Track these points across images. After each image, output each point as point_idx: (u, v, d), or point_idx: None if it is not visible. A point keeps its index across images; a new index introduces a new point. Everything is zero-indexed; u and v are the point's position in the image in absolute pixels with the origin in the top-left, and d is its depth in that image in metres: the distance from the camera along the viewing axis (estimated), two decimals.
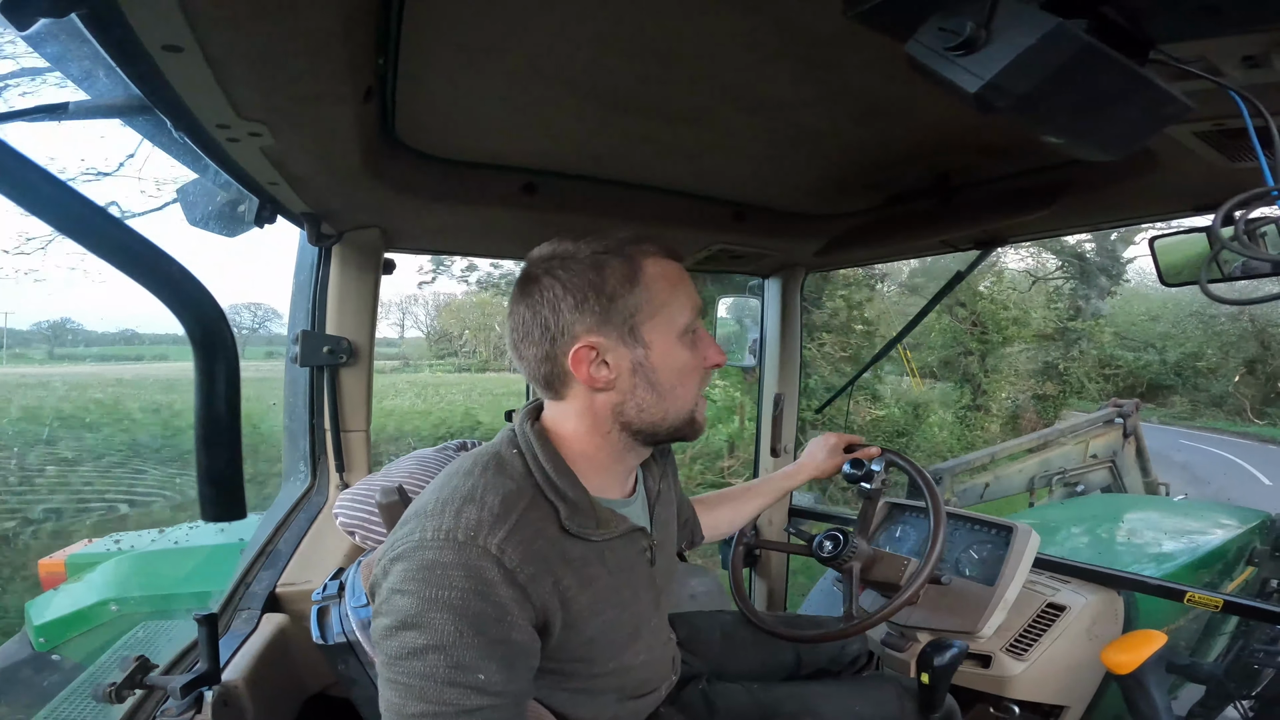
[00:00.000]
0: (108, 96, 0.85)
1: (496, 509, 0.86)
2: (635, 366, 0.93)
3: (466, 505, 0.87)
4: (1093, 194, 1.44)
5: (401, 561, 0.85)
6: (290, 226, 1.51)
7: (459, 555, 0.83)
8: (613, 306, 0.91)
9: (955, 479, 4.90)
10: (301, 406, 1.68)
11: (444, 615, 0.80)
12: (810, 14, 0.89)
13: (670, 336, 0.94)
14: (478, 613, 0.82)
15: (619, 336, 0.91)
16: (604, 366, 0.92)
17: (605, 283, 0.91)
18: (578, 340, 0.91)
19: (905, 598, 1.44)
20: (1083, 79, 0.67)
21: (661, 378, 0.94)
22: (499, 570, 0.83)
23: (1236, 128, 1.01)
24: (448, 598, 0.81)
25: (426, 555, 0.83)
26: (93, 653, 3.15)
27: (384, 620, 0.84)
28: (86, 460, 6.43)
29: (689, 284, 0.98)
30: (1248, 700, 2.70)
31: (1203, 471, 13.88)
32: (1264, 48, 0.76)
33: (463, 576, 0.82)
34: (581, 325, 0.90)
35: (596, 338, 0.91)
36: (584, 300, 0.90)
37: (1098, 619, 1.83)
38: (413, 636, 0.81)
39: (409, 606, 0.82)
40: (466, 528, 0.84)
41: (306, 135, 1.05)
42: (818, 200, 1.80)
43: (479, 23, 0.93)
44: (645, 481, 1.10)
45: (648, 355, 0.93)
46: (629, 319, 0.91)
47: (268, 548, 1.58)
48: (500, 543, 0.84)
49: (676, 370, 0.95)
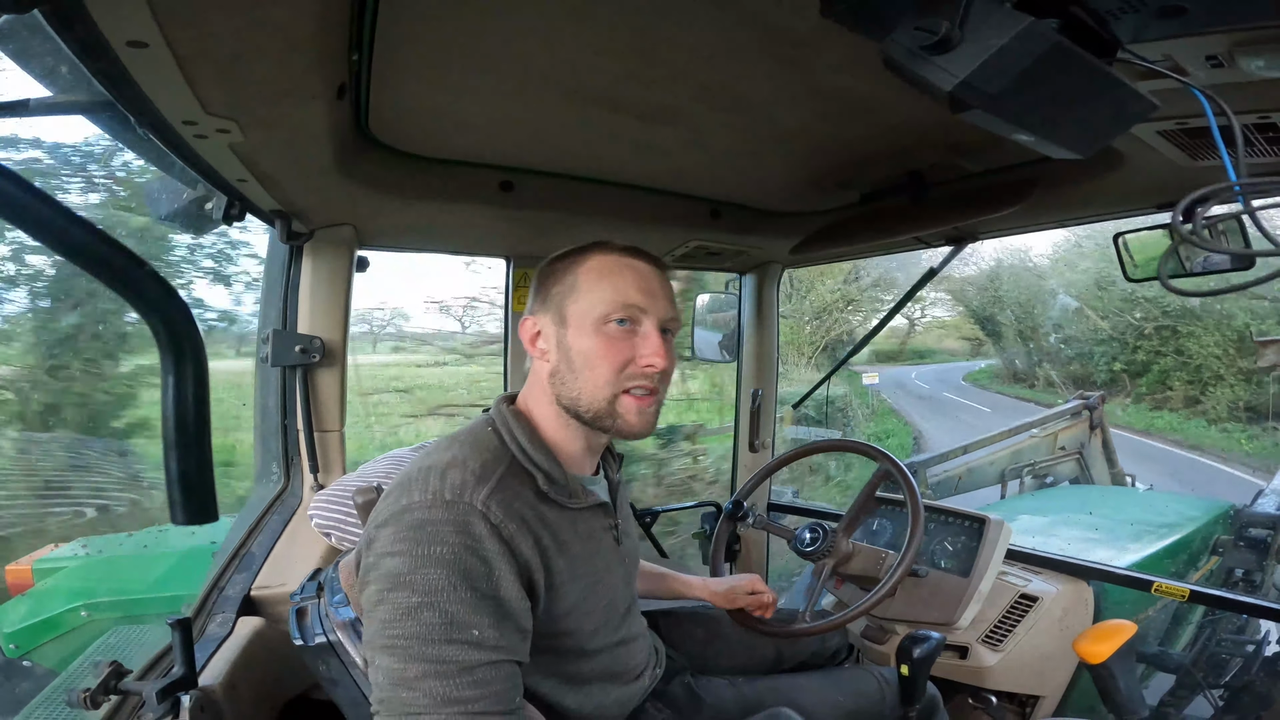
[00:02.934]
0: (70, 93, 0.83)
1: (478, 471, 0.92)
2: (559, 343, 1.03)
3: (450, 469, 0.92)
4: (1061, 191, 1.46)
5: (390, 525, 0.88)
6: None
7: (448, 512, 0.87)
8: (550, 291, 1.04)
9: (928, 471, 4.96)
10: (273, 407, 1.65)
11: (437, 571, 0.84)
12: (786, 14, 0.90)
13: (586, 321, 1.01)
14: (468, 568, 0.85)
15: (551, 317, 1.04)
16: (540, 339, 1.05)
17: (553, 272, 1.05)
18: (528, 316, 1.07)
19: (883, 590, 1.46)
20: (1053, 77, 0.69)
21: (574, 357, 1.01)
22: (485, 525, 0.87)
23: (1199, 126, 1.03)
24: (440, 553, 0.84)
25: (416, 515, 0.87)
26: (65, 659, 3.10)
27: (374, 587, 0.86)
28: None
29: (629, 278, 1.02)
30: (1217, 689, 2.77)
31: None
32: (1226, 47, 0.78)
33: (453, 532, 0.86)
34: (532, 305, 1.07)
35: (536, 316, 1.06)
36: (540, 283, 1.06)
37: (1069, 609, 1.87)
38: (405, 596, 0.83)
39: (401, 566, 0.84)
40: (453, 487, 0.89)
41: (277, 132, 1.03)
42: (793, 198, 1.82)
43: (455, 20, 0.92)
44: (606, 470, 1.16)
45: (567, 334, 1.02)
46: (559, 300, 1.03)
47: (241, 550, 1.55)
48: (485, 499, 0.89)
49: (585, 353, 1.01)
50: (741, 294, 2.42)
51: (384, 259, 1.82)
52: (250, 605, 1.45)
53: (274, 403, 1.64)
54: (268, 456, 1.70)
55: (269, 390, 1.65)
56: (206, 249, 6.35)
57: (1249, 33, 0.76)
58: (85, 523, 4.75)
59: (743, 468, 2.48)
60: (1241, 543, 3.69)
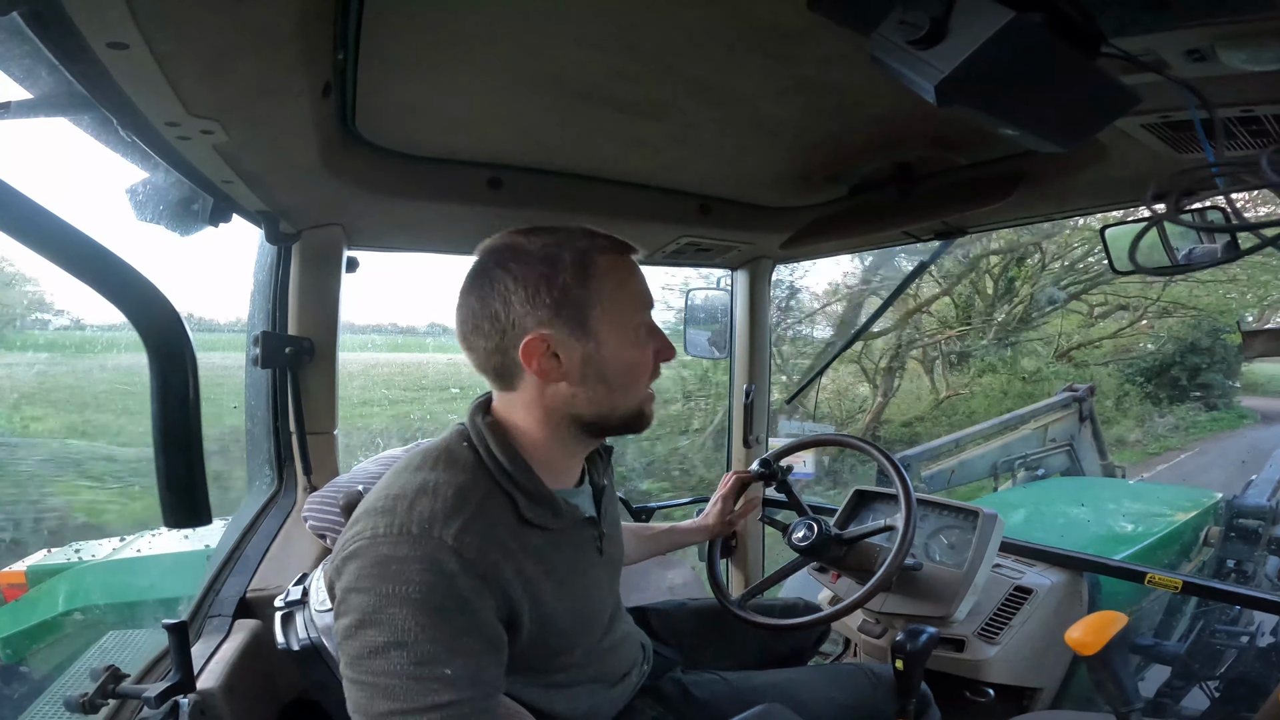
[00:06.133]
0: (50, 95, 0.82)
1: (451, 500, 0.86)
2: (586, 359, 0.93)
3: (419, 498, 0.86)
4: (1047, 185, 1.47)
5: (355, 560, 0.84)
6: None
7: (414, 549, 0.82)
8: (565, 300, 0.91)
9: (922, 465, 4.98)
10: (264, 409, 1.64)
11: (403, 610, 0.79)
12: (773, 8, 0.90)
13: (621, 331, 0.95)
14: (438, 606, 0.81)
15: (570, 330, 0.92)
16: (555, 359, 0.92)
17: (557, 276, 0.91)
18: (529, 332, 0.91)
19: (876, 582, 1.46)
20: (1038, 71, 0.69)
21: (611, 371, 0.95)
22: (457, 561, 0.82)
23: (1182, 119, 1.04)
24: (406, 592, 0.80)
25: (380, 550, 0.82)
26: (61, 664, 3.09)
27: (344, 620, 0.83)
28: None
29: (641, 278, 1.00)
30: (1213, 680, 2.79)
31: None
32: (1209, 41, 0.78)
33: (420, 570, 0.81)
34: (533, 318, 0.91)
35: (548, 330, 0.91)
36: (536, 293, 0.91)
37: (1063, 601, 1.87)
38: (373, 634, 0.80)
39: (366, 604, 0.81)
40: (420, 520, 0.84)
41: (261, 132, 1.03)
42: (782, 192, 1.82)
43: (442, 17, 0.92)
44: (591, 475, 1.10)
45: (599, 349, 0.93)
46: (580, 312, 0.92)
47: (236, 553, 1.54)
48: (457, 533, 0.83)
49: (626, 365, 0.96)
50: (733, 290, 2.42)
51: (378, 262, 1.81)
52: (246, 608, 1.45)
53: (264, 405, 1.63)
54: (259, 458, 1.69)
55: (259, 392, 1.64)
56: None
57: (1231, 27, 0.76)
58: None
59: (736, 463, 2.48)
60: (1233, 533, 3.72)
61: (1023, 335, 11.82)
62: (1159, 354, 12.51)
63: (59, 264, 0.66)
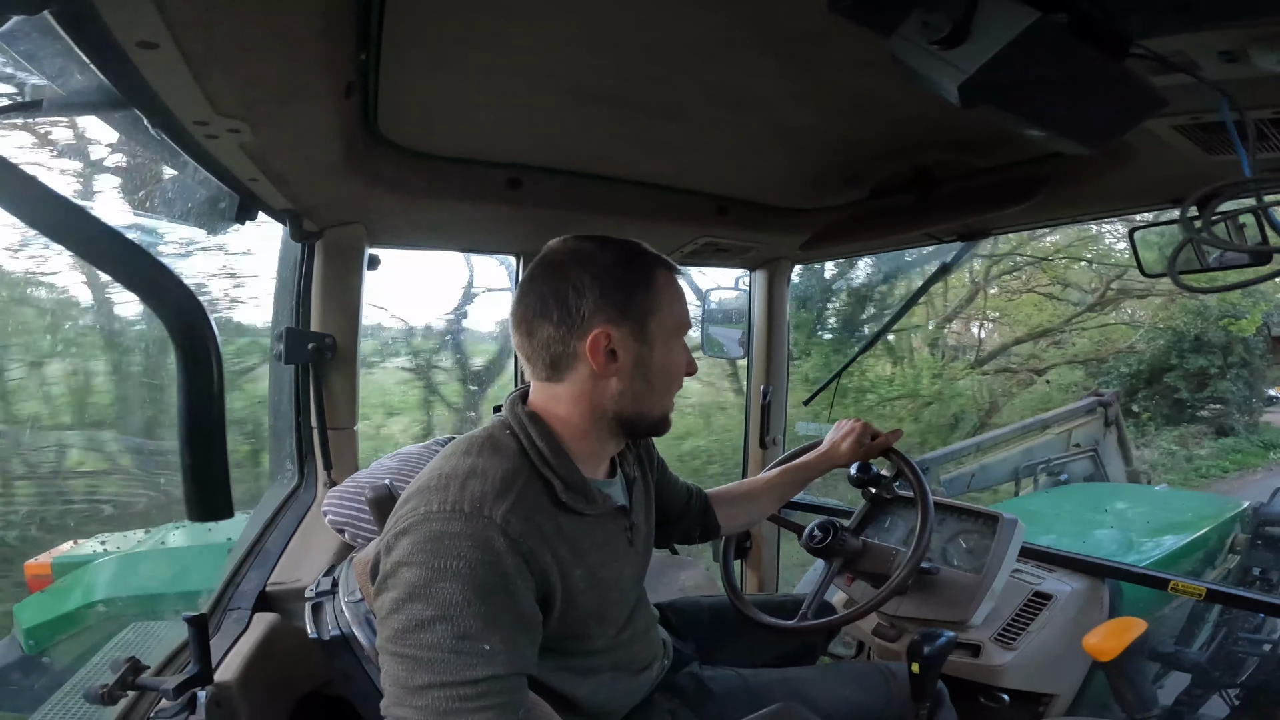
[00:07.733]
0: (82, 93, 0.84)
1: (498, 483, 0.91)
2: (638, 360, 1.00)
3: (470, 479, 0.90)
4: (1073, 187, 1.45)
5: (408, 535, 0.87)
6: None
7: (466, 525, 0.86)
8: (630, 303, 0.98)
9: (941, 469, 4.93)
10: (286, 404, 1.66)
11: (452, 585, 0.83)
12: (791, 10, 0.90)
13: (668, 340, 1.02)
14: (485, 582, 0.84)
15: (631, 331, 0.98)
16: (613, 356, 0.98)
17: (627, 280, 0.99)
18: (596, 327, 0.96)
19: (891, 587, 1.45)
20: (1064, 72, 0.68)
21: (655, 375, 1.02)
22: (504, 540, 0.86)
23: (1213, 121, 1.02)
24: (456, 567, 0.83)
25: (434, 527, 0.86)
26: (83, 655, 3.13)
27: (390, 595, 0.86)
28: None
29: (685, 299, 1.07)
30: (1233, 689, 2.73)
31: None
32: (1240, 43, 0.77)
33: (471, 546, 0.85)
34: (603, 315, 0.96)
35: (613, 328, 0.97)
36: (609, 293, 0.97)
37: (1083, 608, 1.85)
38: (419, 608, 0.83)
39: (416, 578, 0.84)
40: (472, 499, 0.88)
41: (286, 131, 1.04)
42: (800, 194, 1.81)
43: (462, 19, 0.92)
44: (622, 466, 1.15)
45: (651, 353, 1.00)
46: (641, 317, 0.99)
47: (256, 547, 1.56)
48: (505, 513, 0.88)
49: (669, 371, 1.04)
50: (752, 290, 2.42)
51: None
52: (265, 601, 1.46)
53: (287, 400, 1.66)
54: (281, 453, 1.72)
55: (282, 387, 1.67)
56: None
57: (1263, 28, 0.75)
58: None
59: (753, 464, 2.48)
60: (1259, 541, 3.65)
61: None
62: (1150, 355, 9.49)
63: (85, 257, 0.67)
